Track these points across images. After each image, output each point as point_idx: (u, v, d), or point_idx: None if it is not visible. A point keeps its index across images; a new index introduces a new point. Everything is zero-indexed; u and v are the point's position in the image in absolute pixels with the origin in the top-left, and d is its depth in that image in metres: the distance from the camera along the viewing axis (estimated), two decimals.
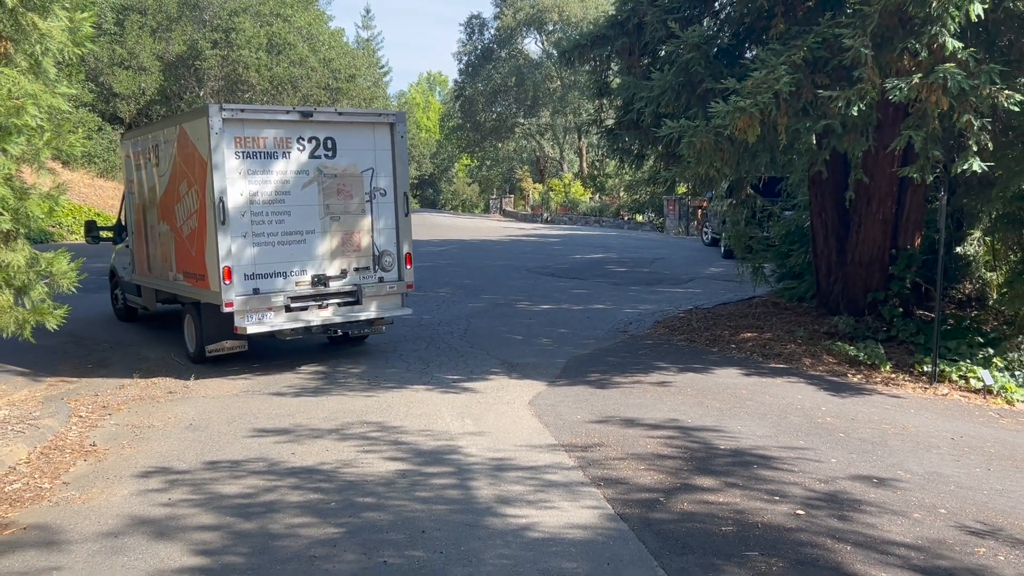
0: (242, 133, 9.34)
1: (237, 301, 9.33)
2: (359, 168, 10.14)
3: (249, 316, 9.48)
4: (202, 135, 9.28)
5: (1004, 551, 4.95)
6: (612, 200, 41.24)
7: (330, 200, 9.98)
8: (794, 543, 5.00)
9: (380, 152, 10.27)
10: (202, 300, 9.93)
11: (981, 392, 9.18)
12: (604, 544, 5.00)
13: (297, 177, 9.72)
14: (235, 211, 9.29)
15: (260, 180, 9.47)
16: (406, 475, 6.30)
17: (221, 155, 9.14)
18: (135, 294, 12.75)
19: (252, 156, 9.41)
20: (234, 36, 36.94)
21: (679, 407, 8.23)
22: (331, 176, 9.97)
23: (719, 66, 10.28)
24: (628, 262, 21.26)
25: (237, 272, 9.33)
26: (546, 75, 48.13)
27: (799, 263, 13.90)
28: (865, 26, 8.45)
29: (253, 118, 9.40)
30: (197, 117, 9.50)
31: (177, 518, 5.49)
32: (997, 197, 10.07)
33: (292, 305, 9.70)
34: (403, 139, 10.40)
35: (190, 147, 9.74)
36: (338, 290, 10.04)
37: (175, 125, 10.25)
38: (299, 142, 9.70)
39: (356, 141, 10.11)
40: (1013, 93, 8.21)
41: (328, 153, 9.92)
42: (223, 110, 9.14)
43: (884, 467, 6.46)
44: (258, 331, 9.53)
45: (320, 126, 9.85)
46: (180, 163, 10.11)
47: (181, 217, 10.26)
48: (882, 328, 11.12)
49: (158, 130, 10.97)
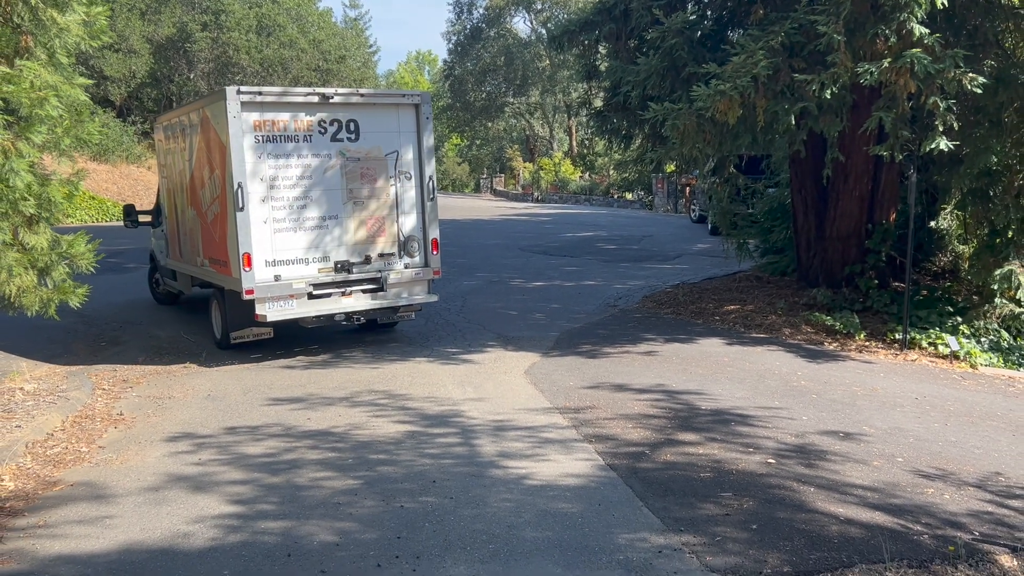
0: (261, 116, 9.15)
1: (258, 288, 9.20)
2: (383, 151, 9.92)
3: (270, 303, 9.33)
4: (221, 119, 9.15)
5: (950, 491, 5.58)
6: (602, 179, 41.71)
7: (353, 184, 9.78)
8: (764, 486, 5.62)
9: (404, 135, 10.04)
10: (225, 287, 9.87)
11: (948, 358, 9.81)
12: (595, 489, 5.61)
13: (319, 161, 9.54)
14: (255, 196, 9.15)
15: (281, 164, 9.31)
16: (414, 435, 6.88)
17: (239, 139, 9.00)
18: (171, 278, 12.77)
19: (272, 140, 9.25)
20: (224, 18, 37.12)
21: (665, 374, 8.83)
22: (354, 160, 9.76)
23: (702, 51, 10.79)
24: (618, 239, 21.82)
25: (258, 259, 9.20)
26: (535, 54, 48.35)
27: (781, 238, 14.49)
28: (838, 13, 8.95)
29: (272, 101, 9.22)
30: (216, 100, 9.34)
31: (209, 475, 6.07)
32: (965, 174, 10.67)
33: (315, 292, 9.53)
34: (428, 121, 10.13)
35: (211, 131, 9.63)
36: (362, 277, 9.85)
37: (199, 109, 10.10)
38: (320, 125, 9.51)
39: (380, 123, 9.89)
40: (976, 76, 8.74)
41: (351, 136, 9.71)
42: (240, 93, 8.96)
43: (851, 423, 7.09)
44: (279, 319, 9.43)
45: (342, 108, 9.63)
46: (203, 147, 10.00)
47: (206, 202, 10.17)
48: (858, 299, 11.74)
49: (185, 114, 10.85)
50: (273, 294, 9.32)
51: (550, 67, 46.90)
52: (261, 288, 9.24)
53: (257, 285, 9.20)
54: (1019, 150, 10.25)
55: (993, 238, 11.23)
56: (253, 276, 9.17)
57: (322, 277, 9.61)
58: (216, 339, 10.59)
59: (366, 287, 9.91)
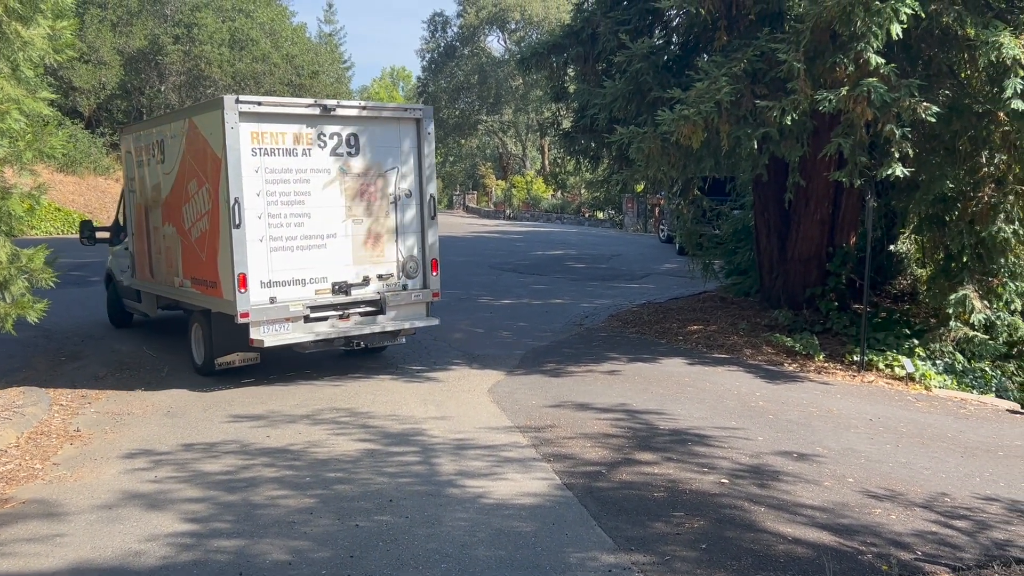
0: (259, 128, 8.72)
1: (253, 311, 8.69)
2: (383, 167, 9.58)
3: (266, 327, 8.85)
4: (215, 130, 8.69)
5: (897, 511, 5.71)
6: (573, 197, 42.01)
7: (352, 201, 9.39)
8: (716, 506, 5.71)
9: (405, 150, 9.72)
10: (213, 309, 9.33)
11: (904, 379, 10.01)
12: (550, 508, 5.67)
13: (317, 176, 9.12)
14: (251, 213, 8.70)
15: (278, 179, 8.87)
16: (374, 454, 6.89)
17: (236, 152, 8.54)
18: (134, 299, 12.11)
19: (270, 153, 8.82)
20: (196, 31, 37.00)
21: (627, 393, 8.91)
22: (354, 175, 9.38)
23: (667, 76, 10.98)
24: (587, 258, 21.99)
25: (253, 279, 8.71)
26: (508, 73, 48.68)
27: (745, 260, 14.71)
28: (799, 41, 9.17)
29: (271, 111, 8.81)
30: (210, 110, 8.94)
31: (165, 492, 6.03)
32: (921, 200, 10.94)
33: (312, 315, 9.07)
34: (430, 136, 9.82)
35: (201, 142, 9.15)
36: (360, 299, 9.42)
37: (184, 119, 9.62)
38: (320, 138, 9.11)
39: (380, 138, 9.53)
40: (931, 105, 9.00)
41: (351, 151, 9.32)
42: (239, 103, 8.54)
43: (806, 444, 7.21)
44: (276, 344, 8.92)
45: (342, 121, 9.26)
46: (189, 160, 9.52)
47: (190, 219, 9.68)
48: (819, 321, 11.95)
49: (164, 124, 10.33)
50: (269, 317, 8.83)
51: (523, 86, 47.27)
52: (256, 311, 8.73)
53: (252, 308, 8.71)
54: (973, 178, 10.52)
55: (948, 263, 11.50)
56: (248, 298, 8.67)
57: (319, 299, 9.17)
58: (196, 364, 9.93)
59: (364, 310, 9.48)
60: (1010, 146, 9.85)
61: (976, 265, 10.99)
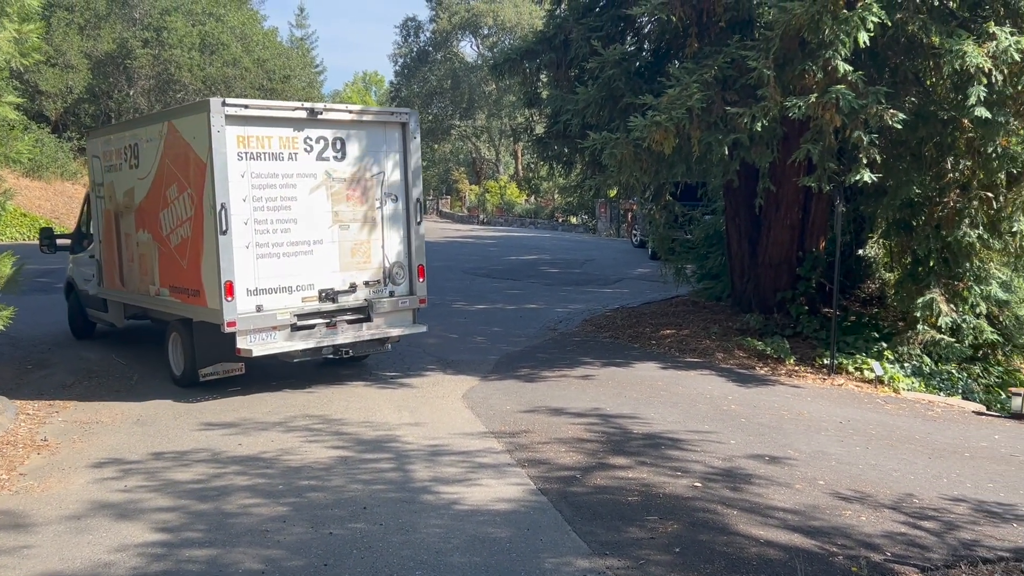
0: (245, 132, 8.51)
1: (240, 320, 8.47)
2: (369, 172, 9.44)
3: (253, 336, 8.61)
4: (200, 133, 8.47)
5: (867, 513, 5.79)
6: (547, 202, 42.11)
7: (339, 207, 9.23)
8: (690, 509, 5.76)
9: (391, 154, 9.60)
10: (195, 318, 9.06)
11: (873, 382, 10.15)
12: (525, 514, 5.68)
13: (304, 181, 8.96)
14: (237, 219, 8.47)
15: (264, 184, 8.68)
16: (347, 461, 6.85)
17: (223, 156, 8.31)
18: (100, 309, 11.68)
19: (256, 157, 8.61)
20: (166, 35, 36.58)
21: (601, 398, 8.95)
22: (340, 180, 9.22)
23: (639, 82, 11.06)
24: (561, 263, 22.05)
25: (239, 287, 8.49)
26: (481, 78, 48.69)
27: (716, 264, 14.84)
28: (768, 49, 9.29)
29: (257, 115, 8.61)
30: (193, 113, 8.71)
31: (135, 502, 5.95)
32: (889, 205, 11.12)
33: (299, 324, 8.89)
34: (416, 141, 9.70)
35: (182, 146, 8.90)
36: (347, 306, 9.28)
37: (162, 122, 9.34)
38: (306, 142, 8.95)
39: (366, 142, 9.40)
40: (897, 112, 9.16)
41: (337, 155, 9.17)
42: (226, 105, 8.33)
43: (777, 447, 7.29)
44: (264, 353, 8.69)
45: (329, 125, 9.10)
46: (169, 164, 9.24)
47: (168, 225, 9.41)
48: (789, 325, 12.08)
49: (138, 127, 10.02)
50: (256, 326, 8.62)
51: (496, 91, 47.30)
52: (243, 320, 8.52)
53: (239, 317, 8.49)
54: (938, 183, 10.71)
55: (916, 267, 11.69)
56: (235, 307, 8.45)
57: (306, 307, 8.99)
58: (174, 376, 9.58)
59: (351, 317, 9.34)
60: (974, 152, 10.04)
61: (942, 269, 11.19)
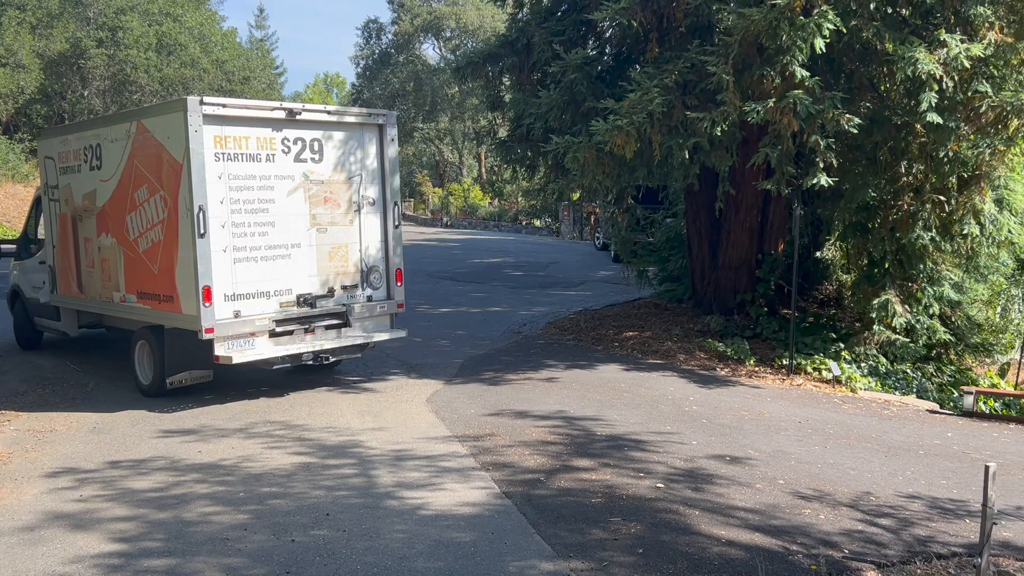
0: (222, 132, 8.29)
1: (218, 326, 8.25)
2: (347, 174, 9.30)
3: (231, 343, 8.41)
4: (175, 133, 8.24)
5: (825, 511, 5.89)
6: (510, 205, 42.13)
7: (317, 210, 9.05)
8: (652, 510, 5.81)
9: (368, 157, 9.49)
10: (167, 325, 8.80)
11: (831, 382, 10.33)
12: (490, 518, 5.68)
13: (281, 183, 8.77)
14: (215, 222, 8.25)
15: (242, 186, 8.46)
16: (310, 467, 6.78)
17: (200, 156, 8.09)
18: (52, 318, 11.27)
19: (233, 158, 8.38)
20: (121, 35, 35.92)
21: (565, 400, 8.98)
22: (318, 182, 9.05)
23: (600, 86, 11.13)
24: (525, 266, 22.08)
25: (217, 292, 8.27)
26: (444, 81, 48.54)
27: (678, 267, 14.98)
28: (727, 54, 9.41)
29: (235, 115, 8.41)
30: (168, 112, 8.47)
31: (91, 512, 5.83)
32: (845, 208, 11.34)
33: (277, 329, 8.71)
34: (393, 143, 9.60)
35: (154, 147, 8.63)
36: (326, 311, 9.13)
37: (130, 121, 9.03)
38: (284, 144, 8.76)
39: (344, 144, 9.27)
40: (853, 117, 9.35)
41: (315, 157, 9.00)
42: (204, 104, 8.11)
43: (738, 447, 7.38)
44: (244, 360, 8.50)
45: (306, 126, 8.94)
46: (138, 166, 8.94)
47: (136, 229, 9.10)
48: (749, 326, 12.24)
49: (101, 127, 9.64)
50: (234, 332, 8.42)
51: (459, 94, 47.24)
52: (221, 326, 8.29)
53: (217, 323, 8.27)
54: (893, 187, 10.94)
55: (871, 268, 11.93)
56: (213, 313, 8.22)
57: (285, 312, 8.82)
58: (141, 385, 9.29)
59: (329, 323, 9.17)
60: (927, 157, 10.28)
61: (897, 271, 11.43)
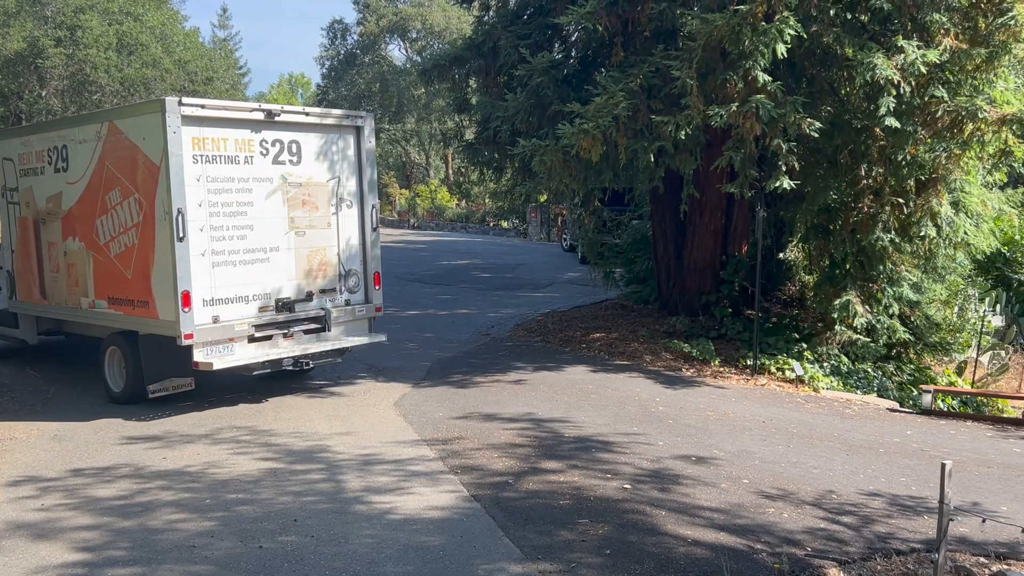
0: (201, 133, 8.19)
1: (197, 332, 8.14)
2: (325, 176, 9.24)
3: (210, 348, 8.29)
4: (152, 134, 8.12)
5: (789, 510, 6.00)
6: (478, 207, 42.14)
7: (295, 212, 8.99)
8: (620, 511, 5.87)
9: (346, 159, 9.43)
10: (142, 331, 8.67)
11: (794, 382, 10.50)
12: (458, 521, 5.70)
13: (260, 186, 8.68)
14: (193, 225, 8.15)
15: (220, 189, 8.36)
16: (277, 473, 6.75)
17: (179, 158, 7.98)
18: (9, 325, 11.01)
19: (211, 160, 8.29)
20: (80, 34, 35.27)
21: (533, 402, 9.03)
22: (296, 185, 8.98)
23: (567, 90, 11.21)
24: (492, 268, 22.11)
25: (196, 297, 8.18)
26: (411, 82, 48.41)
27: (644, 269, 15.11)
28: (691, 59, 9.52)
29: (214, 115, 8.30)
30: (144, 112, 8.34)
31: (54, 521, 5.74)
32: (807, 210, 11.52)
33: (256, 335, 8.61)
34: (371, 145, 9.59)
35: (127, 148, 8.50)
36: (304, 316, 9.04)
37: (100, 122, 8.87)
38: (263, 145, 8.68)
39: (322, 146, 9.22)
40: (814, 121, 9.51)
41: (293, 159, 8.94)
42: (183, 105, 8.00)
43: (703, 447, 7.48)
44: (225, 366, 8.35)
45: (285, 128, 8.87)
46: (109, 167, 8.79)
47: (107, 232, 8.93)
48: (714, 327, 12.39)
49: (66, 128, 9.45)
50: (214, 338, 8.31)
51: (425, 96, 47.09)
52: (200, 332, 8.18)
53: (196, 328, 8.15)
54: (853, 189, 11.15)
55: (833, 270, 12.14)
56: (192, 318, 8.12)
57: (263, 317, 8.70)
58: (112, 393, 9.12)
59: (308, 327, 9.08)
60: (886, 160, 10.49)
61: (858, 272, 11.65)
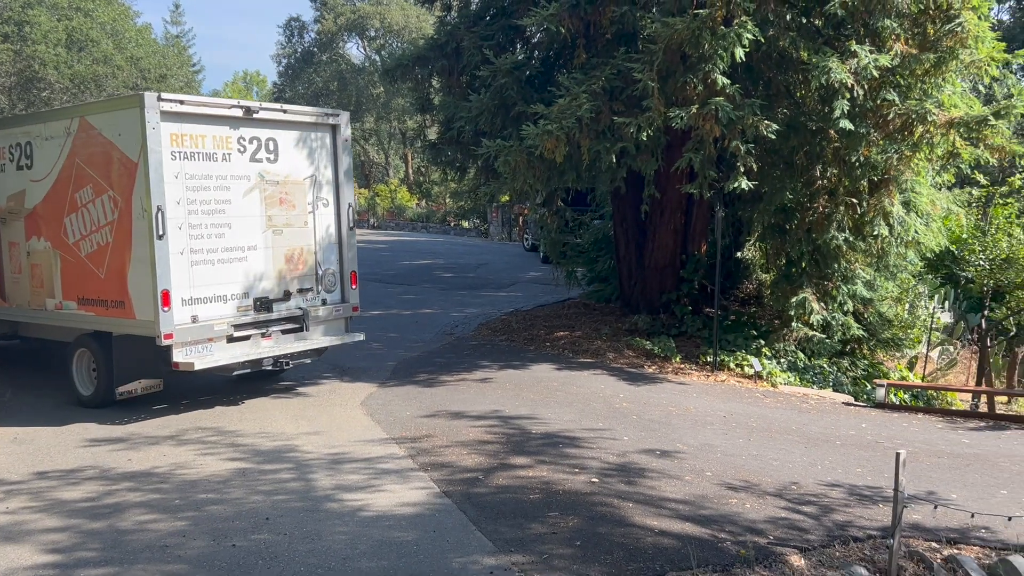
0: (179, 129, 8.09)
1: (177, 332, 8.02)
2: (301, 175, 9.20)
3: (190, 349, 8.18)
4: (128, 130, 8.01)
5: (751, 501, 6.19)
6: (439, 206, 42.13)
7: (273, 211, 8.93)
8: (588, 504, 6.01)
9: (323, 157, 9.41)
10: (116, 332, 8.54)
11: (753, 378, 10.76)
12: (430, 516, 5.78)
13: (238, 183, 8.60)
14: (172, 223, 8.03)
15: (198, 186, 8.27)
16: (245, 473, 6.75)
17: (158, 155, 7.86)
18: None
19: (189, 157, 8.18)
20: (28, 30, 34.44)
21: (500, 400, 9.13)
22: (273, 183, 8.92)
23: (530, 91, 11.33)
24: (454, 267, 22.15)
25: (175, 296, 8.05)
26: (369, 80, 48.25)
27: (606, 268, 15.31)
28: (652, 61, 9.71)
29: (192, 112, 8.21)
30: (121, 108, 8.24)
31: (21, 524, 5.68)
32: (764, 210, 11.79)
33: (235, 334, 8.54)
34: (347, 143, 9.56)
35: (101, 144, 8.36)
36: (283, 315, 9.00)
37: (71, 118, 8.68)
38: (240, 142, 8.60)
39: (298, 144, 9.20)
40: (771, 123, 9.76)
41: (270, 156, 8.88)
42: (162, 100, 7.88)
43: (667, 442, 7.66)
44: (206, 367, 8.25)
45: (263, 125, 8.80)
46: (80, 164, 8.63)
47: (77, 231, 8.76)
48: (675, 324, 12.63)
49: (32, 123, 9.23)
50: (193, 338, 8.19)
51: (385, 94, 46.94)
52: (180, 331, 8.07)
53: (176, 328, 8.03)
54: (809, 190, 11.45)
55: (789, 268, 12.44)
56: (172, 317, 7.99)
57: (242, 317, 8.64)
58: (82, 397, 8.93)
59: (286, 327, 9.04)
60: (840, 161, 10.80)
61: (813, 270, 11.97)
